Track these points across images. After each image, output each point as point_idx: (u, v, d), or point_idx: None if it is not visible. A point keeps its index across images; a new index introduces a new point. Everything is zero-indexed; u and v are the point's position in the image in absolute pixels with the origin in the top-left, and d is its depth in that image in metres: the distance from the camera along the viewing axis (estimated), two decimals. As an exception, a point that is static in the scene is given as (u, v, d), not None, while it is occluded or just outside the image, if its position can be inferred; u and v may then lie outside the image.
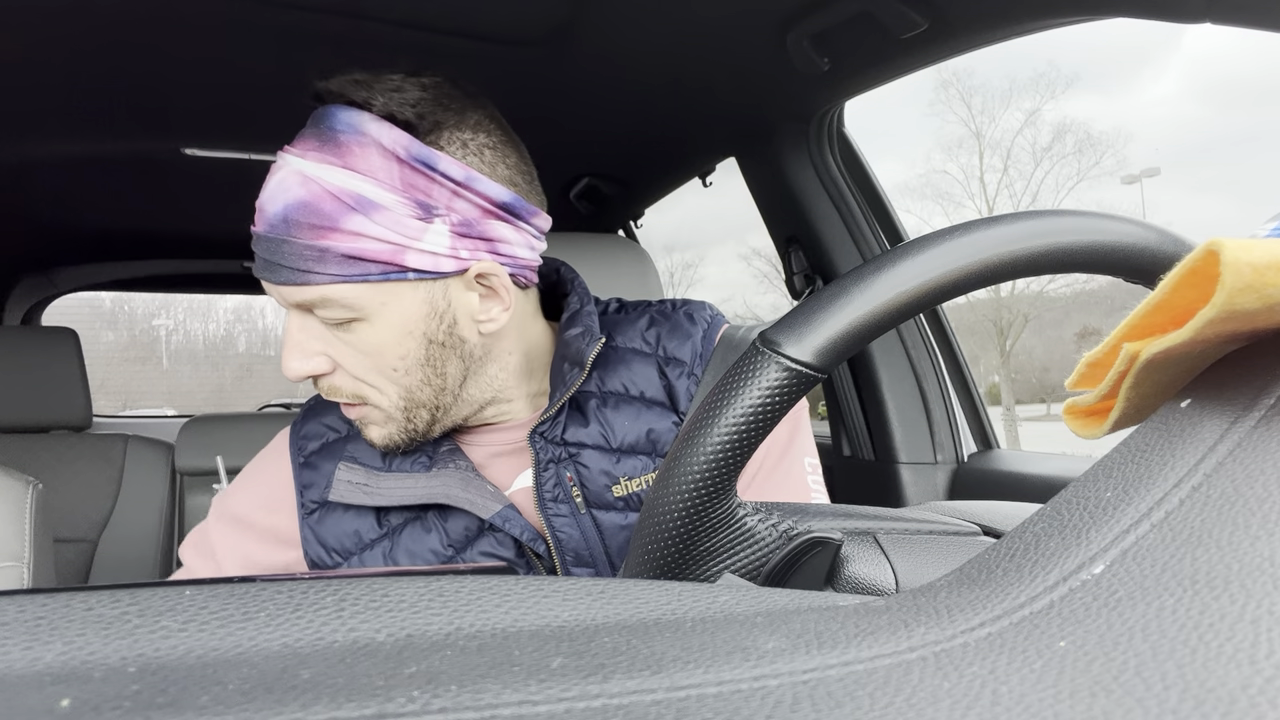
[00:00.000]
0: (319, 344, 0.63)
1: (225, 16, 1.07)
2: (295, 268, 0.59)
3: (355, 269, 0.59)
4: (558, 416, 0.69)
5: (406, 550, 0.68)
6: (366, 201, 0.58)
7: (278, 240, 0.59)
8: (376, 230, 0.58)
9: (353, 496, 0.68)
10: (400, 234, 0.59)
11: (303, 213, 0.58)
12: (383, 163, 0.59)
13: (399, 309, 0.61)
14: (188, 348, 14.34)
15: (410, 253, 0.60)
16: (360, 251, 0.58)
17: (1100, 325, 16.91)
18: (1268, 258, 0.23)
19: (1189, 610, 0.19)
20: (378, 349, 0.62)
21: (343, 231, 0.58)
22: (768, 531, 0.36)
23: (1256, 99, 37.23)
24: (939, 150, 34.07)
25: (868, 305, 0.33)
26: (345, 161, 0.59)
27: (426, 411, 0.66)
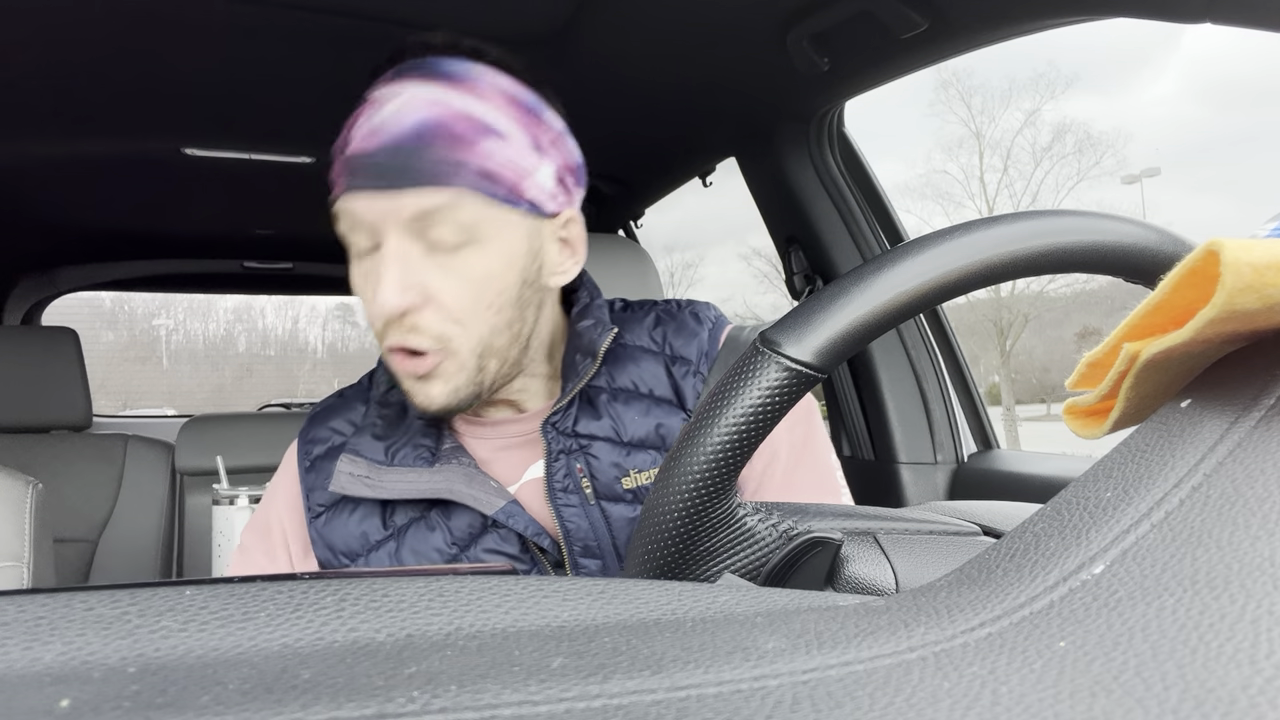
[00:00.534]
0: (417, 275, 0.61)
1: (226, 16, 1.07)
2: (426, 170, 0.59)
3: (486, 185, 0.60)
4: (569, 408, 0.70)
5: (412, 549, 0.68)
6: (493, 129, 0.61)
7: (408, 149, 0.59)
8: (503, 155, 0.61)
9: (353, 488, 0.67)
10: (521, 164, 0.62)
11: (437, 129, 0.60)
12: (500, 99, 0.63)
13: (508, 239, 0.63)
14: (188, 348, 14.34)
15: (528, 184, 0.63)
16: (492, 171, 0.60)
17: (1100, 325, 16.92)
18: (1268, 258, 0.23)
19: (1189, 610, 0.19)
20: (483, 277, 0.62)
21: (478, 151, 0.60)
22: (768, 531, 0.36)
23: (1255, 99, 37.25)
24: (939, 150, 34.08)
25: (868, 305, 0.33)
26: (470, 92, 0.62)
27: (496, 361, 0.65)
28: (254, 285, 2.90)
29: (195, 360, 14.36)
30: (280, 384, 15.03)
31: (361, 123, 0.62)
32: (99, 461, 1.75)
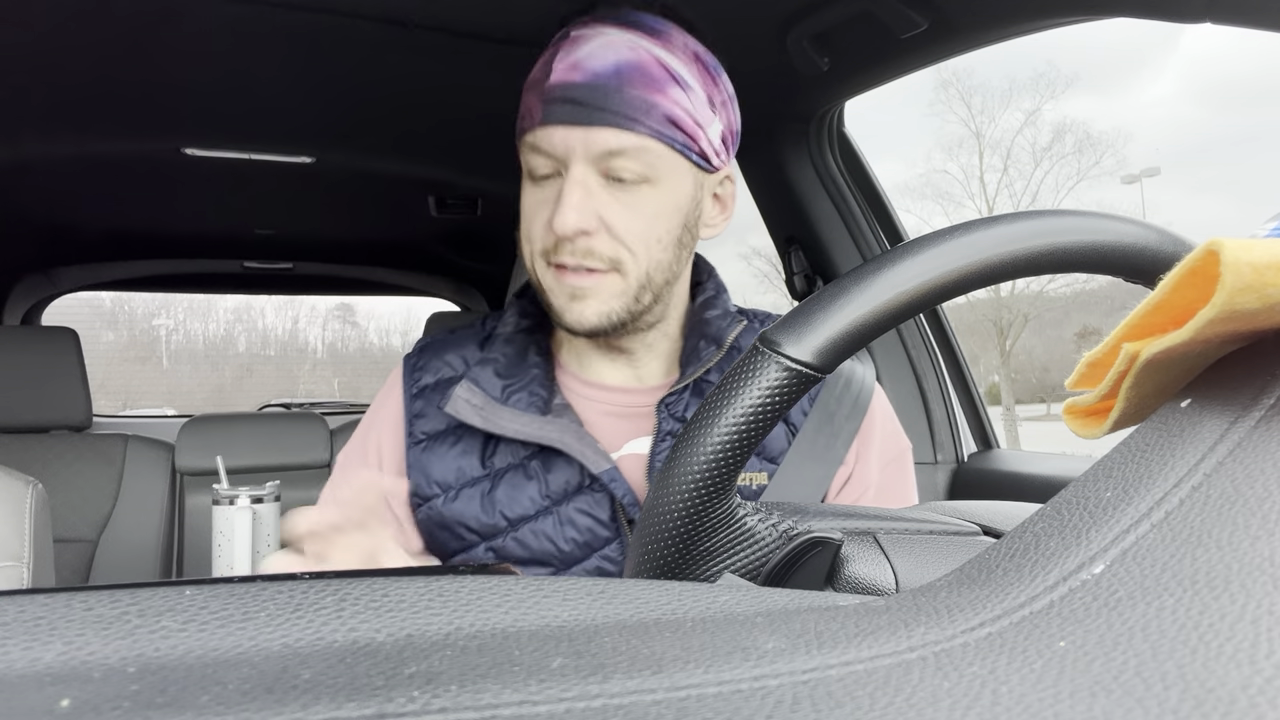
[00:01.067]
0: (596, 203, 0.66)
1: (226, 16, 1.07)
2: (624, 114, 0.64)
3: (669, 131, 0.65)
4: (684, 392, 0.73)
5: (505, 494, 0.70)
6: (684, 80, 0.66)
7: (608, 88, 0.64)
8: (689, 105, 0.66)
9: (469, 415, 0.70)
10: (700, 117, 0.67)
11: (636, 71, 0.64)
12: (688, 57, 0.67)
13: (680, 184, 0.68)
14: (188, 348, 14.35)
15: (703, 135, 0.67)
16: (677, 118, 0.65)
17: (1100, 325, 16.91)
18: (1268, 258, 0.23)
19: (1189, 610, 0.19)
20: (654, 214, 0.67)
21: (668, 97, 0.65)
22: (768, 531, 0.36)
23: (1254, 100, 37.22)
24: (939, 150, 34.06)
25: (868, 305, 0.33)
26: (666, 45, 0.66)
27: (650, 295, 0.70)
28: (254, 285, 2.90)
29: (195, 360, 14.37)
30: (280, 384, 15.04)
31: (562, 55, 0.66)
32: (99, 461, 1.75)
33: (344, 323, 15.08)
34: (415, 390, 0.76)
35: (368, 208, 2.06)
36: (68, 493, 1.70)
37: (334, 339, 14.95)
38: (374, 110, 1.41)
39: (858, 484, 0.75)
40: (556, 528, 0.69)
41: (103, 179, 1.69)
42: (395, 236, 2.34)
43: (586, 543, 0.70)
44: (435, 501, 0.72)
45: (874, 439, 0.77)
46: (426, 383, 0.76)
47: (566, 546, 0.69)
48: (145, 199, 1.87)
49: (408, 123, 1.49)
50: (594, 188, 0.66)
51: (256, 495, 1.27)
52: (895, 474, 0.77)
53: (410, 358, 0.79)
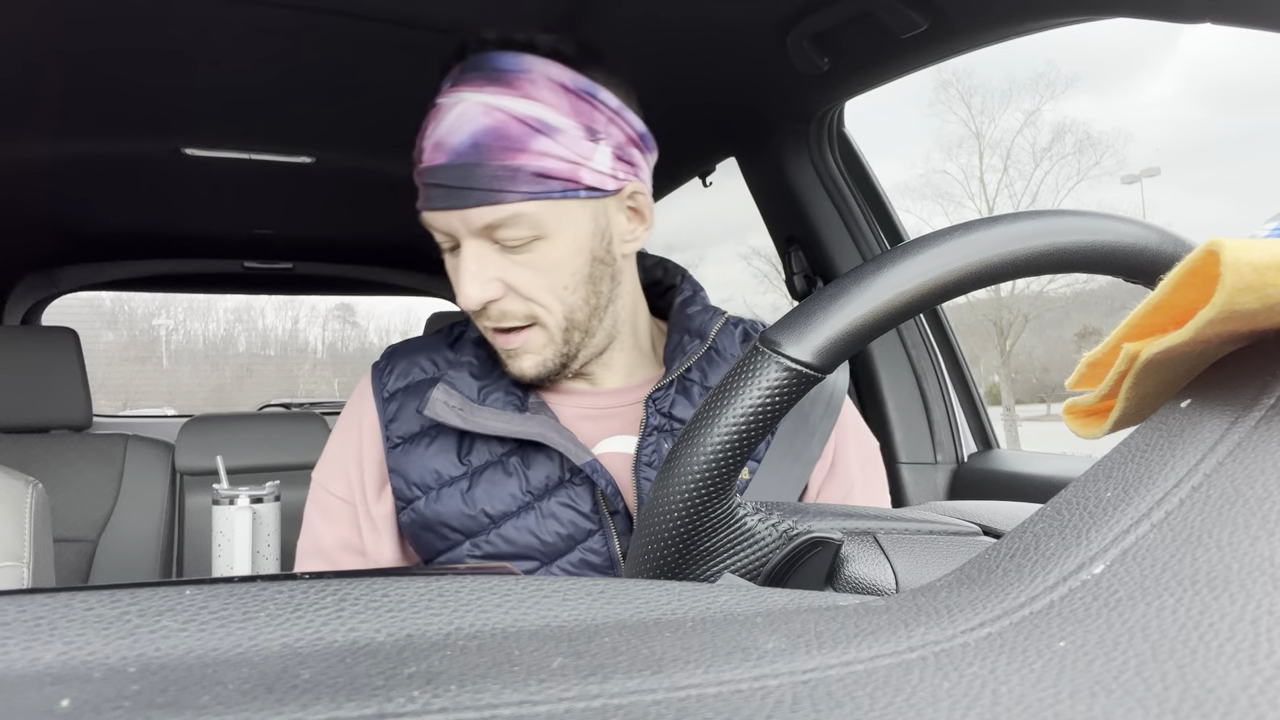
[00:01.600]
0: (494, 270, 0.67)
1: (226, 17, 1.07)
2: (488, 188, 0.64)
3: (542, 186, 0.65)
4: (669, 389, 0.74)
5: (485, 491, 0.71)
6: (547, 125, 0.65)
7: (468, 165, 0.64)
8: (558, 150, 0.65)
9: (447, 416, 0.71)
10: (576, 153, 0.66)
11: (492, 137, 0.64)
12: (553, 93, 0.66)
13: (575, 226, 0.68)
14: (188, 348, 14.35)
15: (585, 170, 0.67)
16: (546, 169, 0.65)
17: (1100, 325, 16.91)
18: (1268, 258, 0.23)
19: (1189, 610, 0.19)
20: (555, 265, 0.68)
21: (530, 152, 0.64)
22: (768, 531, 0.36)
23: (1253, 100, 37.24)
24: (939, 150, 34.06)
25: (868, 305, 0.33)
26: (523, 92, 0.65)
27: (579, 334, 0.72)
28: (254, 285, 2.90)
29: (195, 360, 14.37)
30: (280, 384, 15.04)
31: (429, 133, 0.68)
32: (99, 461, 1.75)
33: (344, 323, 15.08)
34: (387, 395, 0.77)
35: (368, 208, 2.06)
36: (68, 493, 1.70)
37: (334, 339, 14.95)
38: (374, 110, 1.41)
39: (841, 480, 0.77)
40: (539, 522, 0.70)
41: (103, 179, 1.69)
42: (395, 236, 2.34)
43: (569, 535, 0.70)
44: (417, 503, 0.73)
45: (849, 437, 0.79)
46: (398, 386, 0.77)
47: (549, 539, 0.70)
48: (145, 199, 1.87)
49: (408, 122, 1.48)
50: (489, 256, 0.67)
51: (256, 495, 1.27)
52: (873, 472, 0.80)
53: (378, 365, 0.80)
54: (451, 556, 0.72)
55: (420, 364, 0.78)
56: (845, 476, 0.77)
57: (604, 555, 0.70)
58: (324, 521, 0.78)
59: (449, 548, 0.72)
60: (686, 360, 0.74)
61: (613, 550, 0.70)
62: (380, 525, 0.76)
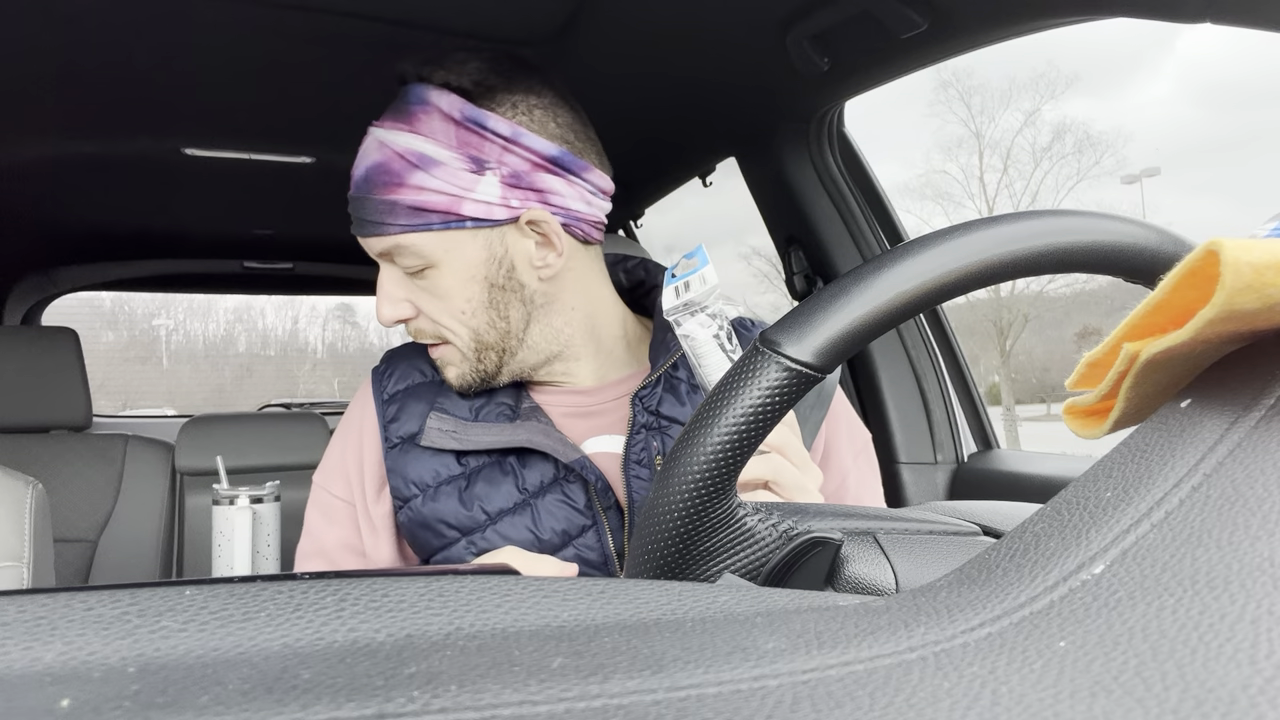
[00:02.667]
0: (402, 291, 0.72)
1: (225, 16, 1.07)
2: (373, 220, 0.69)
3: (419, 219, 0.68)
4: (656, 387, 0.75)
5: (483, 490, 0.73)
6: (426, 159, 0.67)
7: (360, 199, 0.70)
8: (435, 184, 0.67)
9: (444, 442, 0.74)
10: (456, 186, 0.67)
11: (377, 172, 0.69)
12: (442, 125, 0.68)
13: (461, 256, 0.70)
14: (188, 348, 14.36)
15: (466, 202, 0.68)
16: (423, 203, 0.67)
17: (1100, 325, 16.90)
18: (1268, 258, 0.23)
19: (1189, 610, 0.19)
20: (447, 293, 0.71)
21: (407, 186, 0.67)
22: (768, 531, 0.36)
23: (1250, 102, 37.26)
24: (939, 150, 34.05)
25: (868, 305, 0.33)
26: (412, 127, 0.68)
27: (494, 354, 0.74)
28: (254, 285, 2.90)
29: (195, 360, 14.37)
30: (280, 384, 15.04)
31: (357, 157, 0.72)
32: (99, 461, 1.75)
33: (344, 323, 15.09)
34: (386, 396, 0.79)
35: (368, 208, 2.06)
36: (68, 493, 1.70)
37: (334, 339, 14.96)
38: (374, 110, 1.41)
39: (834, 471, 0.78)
40: (535, 519, 0.72)
41: (103, 179, 1.69)
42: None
43: (564, 531, 0.72)
44: (415, 502, 0.74)
45: (841, 427, 0.80)
46: (397, 389, 0.79)
47: (545, 536, 0.71)
48: (145, 199, 1.87)
49: (408, 123, 1.48)
50: (399, 279, 0.72)
51: (256, 495, 1.27)
52: (865, 464, 0.81)
53: (378, 369, 0.82)
54: (448, 554, 0.73)
55: (419, 367, 0.80)
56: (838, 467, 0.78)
57: (598, 551, 0.71)
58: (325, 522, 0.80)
59: (446, 545, 0.73)
60: (670, 357, 0.75)
61: (606, 547, 0.71)
62: (378, 525, 0.78)
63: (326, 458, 0.82)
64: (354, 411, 0.81)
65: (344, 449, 0.80)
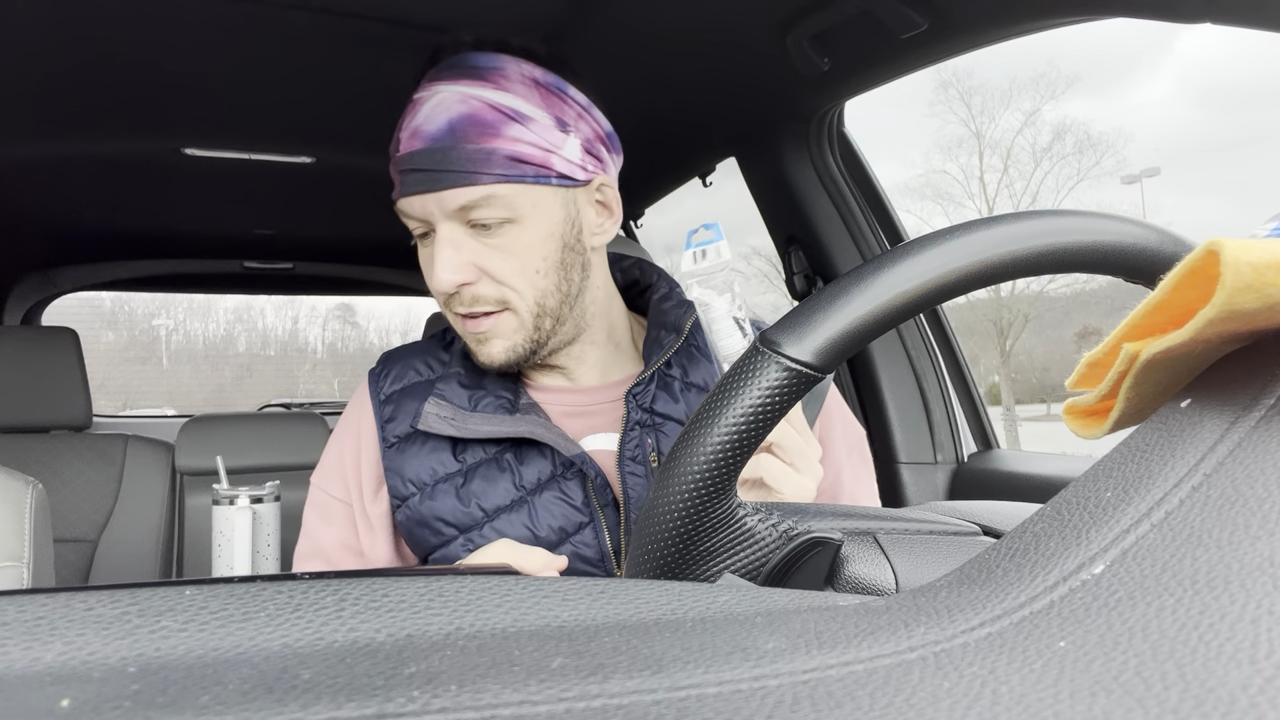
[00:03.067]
0: (468, 254, 0.69)
1: (226, 16, 1.07)
2: (463, 170, 0.67)
3: (514, 170, 0.67)
4: (649, 384, 0.75)
5: (480, 487, 0.73)
6: (520, 113, 0.68)
7: (444, 149, 0.67)
8: (531, 137, 0.68)
9: (440, 427, 0.73)
10: (548, 142, 0.69)
11: (465, 123, 0.67)
12: (523, 86, 0.69)
13: (546, 212, 0.70)
14: (188, 348, 14.36)
15: (556, 159, 0.69)
16: (519, 154, 0.67)
17: (1100, 325, 16.89)
18: (1268, 258, 0.23)
19: (1189, 610, 0.19)
20: (526, 249, 0.70)
21: (504, 137, 0.67)
22: (768, 531, 0.36)
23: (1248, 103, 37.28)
24: (939, 150, 34.03)
25: (868, 305, 0.33)
26: (496, 84, 0.68)
27: (550, 320, 0.73)
28: (254, 285, 2.90)
29: (195, 360, 14.37)
30: (280, 384, 15.04)
31: (406, 125, 0.70)
32: (99, 461, 1.75)
33: (344, 323, 15.09)
34: (383, 397, 0.79)
35: (368, 208, 2.06)
36: (68, 493, 1.70)
37: (334, 339, 14.96)
38: (374, 110, 1.41)
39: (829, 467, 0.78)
40: (532, 516, 0.72)
41: (103, 179, 1.69)
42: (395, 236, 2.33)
43: (561, 528, 0.72)
44: (412, 500, 0.74)
45: (835, 424, 0.80)
46: (394, 389, 0.79)
47: (542, 533, 0.72)
48: (145, 199, 1.87)
49: (408, 123, 1.49)
50: (462, 241, 0.69)
51: (256, 495, 1.27)
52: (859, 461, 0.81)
53: (374, 370, 0.82)
54: (446, 552, 0.73)
55: (415, 366, 0.80)
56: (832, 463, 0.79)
57: (595, 548, 0.72)
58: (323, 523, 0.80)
59: (443, 543, 0.73)
60: (663, 354, 0.75)
61: (603, 543, 0.72)
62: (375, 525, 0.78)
63: (324, 459, 0.82)
64: (351, 413, 0.82)
65: (341, 450, 0.80)
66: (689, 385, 0.77)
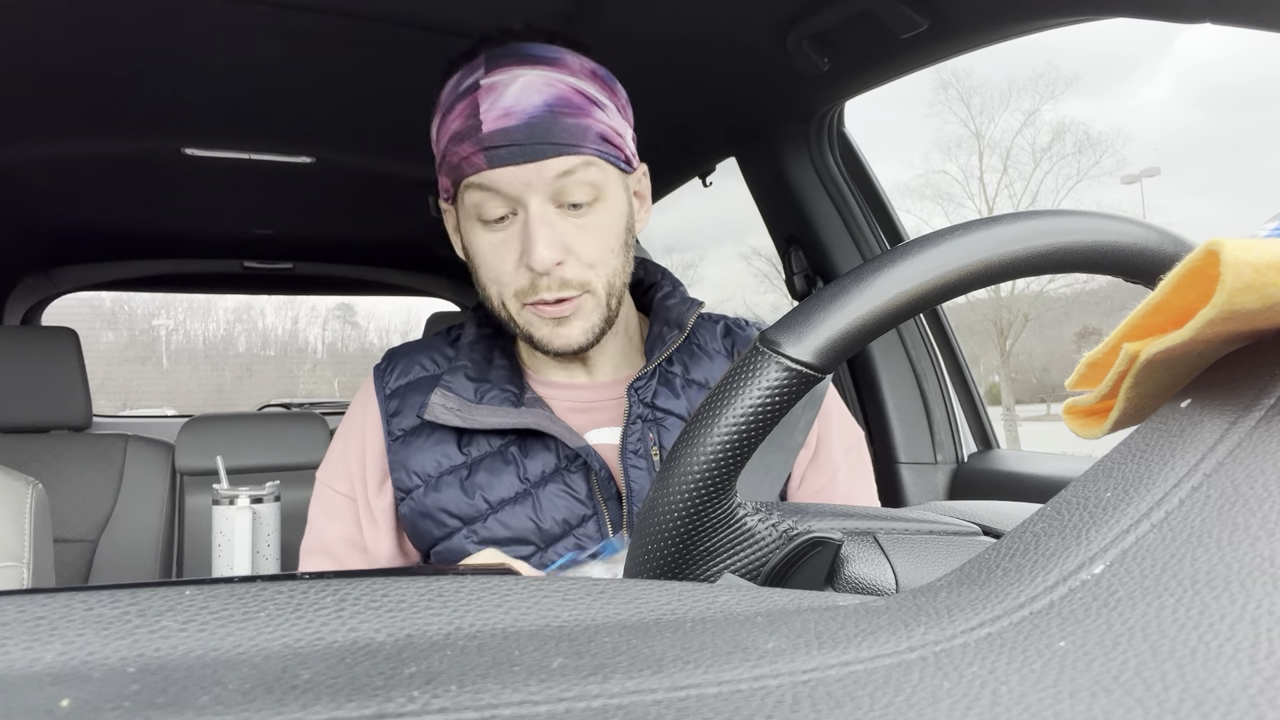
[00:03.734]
0: (559, 234, 0.70)
1: (226, 16, 1.07)
2: (563, 142, 0.68)
3: (605, 148, 0.70)
4: (651, 379, 0.76)
5: (485, 479, 0.73)
6: (598, 99, 0.71)
7: (544, 123, 0.67)
8: (610, 120, 0.71)
9: (446, 419, 0.74)
10: (620, 127, 0.72)
11: (561, 103, 0.68)
12: (590, 75, 0.71)
13: (619, 194, 0.73)
14: (188, 348, 14.36)
15: (626, 144, 0.73)
16: (608, 134, 0.70)
17: (1100, 325, 16.89)
18: (1268, 258, 0.23)
19: (1189, 610, 0.19)
20: (608, 227, 0.72)
21: (594, 118, 0.70)
22: (768, 531, 0.36)
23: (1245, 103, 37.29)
24: (938, 151, 34.03)
25: (868, 305, 0.33)
26: (567, 71, 0.70)
27: (616, 301, 0.74)
28: (254, 285, 2.90)
29: (195, 360, 14.38)
30: (280, 384, 15.05)
31: (487, 104, 0.68)
32: (99, 461, 1.75)
33: (344, 323, 15.10)
34: (389, 391, 0.80)
35: (368, 208, 2.06)
36: (68, 493, 1.70)
37: (334, 339, 14.97)
38: (374, 110, 1.41)
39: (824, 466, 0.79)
40: (536, 509, 0.73)
41: (103, 179, 1.69)
42: (395, 236, 2.34)
43: (565, 520, 0.73)
44: (416, 492, 0.75)
45: (833, 424, 0.81)
46: (400, 384, 0.80)
47: (546, 525, 0.72)
48: (145, 199, 1.87)
49: (408, 123, 1.48)
50: (554, 220, 0.69)
51: (256, 495, 1.27)
52: (857, 459, 0.82)
53: (379, 366, 0.83)
54: (449, 544, 0.74)
55: (420, 361, 0.81)
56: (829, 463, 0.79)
57: (598, 540, 0.72)
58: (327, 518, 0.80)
59: (447, 535, 0.74)
60: (666, 349, 0.76)
61: (606, 536, 0.72)
62: (379, 519, 0.79)
63: (329, 455, 0.83)
64: (355, 410, 0.82)
65: (346, 445, 0.81)
66: (690, 382, 0.78)
